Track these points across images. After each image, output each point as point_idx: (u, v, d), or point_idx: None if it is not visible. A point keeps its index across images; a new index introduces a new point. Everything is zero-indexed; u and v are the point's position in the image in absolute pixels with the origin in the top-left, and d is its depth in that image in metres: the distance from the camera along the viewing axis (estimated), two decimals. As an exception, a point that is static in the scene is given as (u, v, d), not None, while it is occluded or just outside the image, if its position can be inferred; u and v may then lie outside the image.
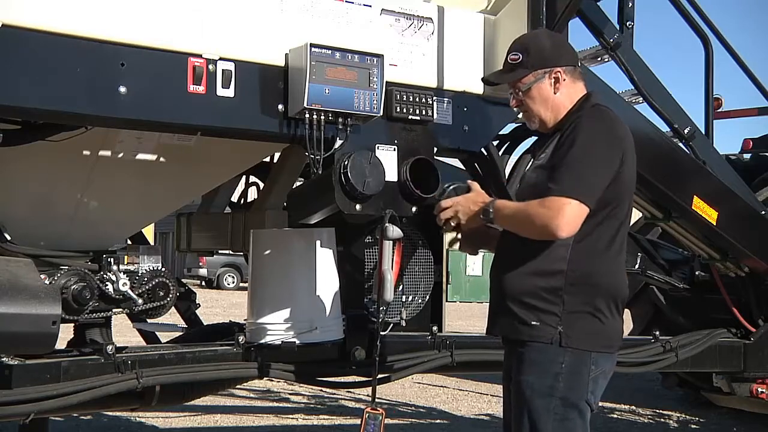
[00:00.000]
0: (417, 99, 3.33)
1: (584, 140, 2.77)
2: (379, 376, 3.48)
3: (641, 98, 4.64)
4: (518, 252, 2.87)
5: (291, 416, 7.18)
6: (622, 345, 2.99)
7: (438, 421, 7.38)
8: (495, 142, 4.36)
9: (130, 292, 3.30)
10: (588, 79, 3.20)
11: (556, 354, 2.78)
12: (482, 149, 4.04)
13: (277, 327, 3.51)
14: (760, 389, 6.02)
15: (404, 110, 3.29)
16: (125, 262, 3.37)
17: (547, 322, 2.79)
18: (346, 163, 3.09)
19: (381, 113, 3.18)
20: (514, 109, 3.11)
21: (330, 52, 3.03)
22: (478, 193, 3.00)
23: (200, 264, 27.59)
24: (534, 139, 4.40)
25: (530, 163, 3.15)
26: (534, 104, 2.96)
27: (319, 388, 5.71)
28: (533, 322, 2.81)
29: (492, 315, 2.99)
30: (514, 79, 2.97)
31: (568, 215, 2.69)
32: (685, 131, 4.60)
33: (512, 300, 2.87)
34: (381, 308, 3.25)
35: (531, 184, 2.94)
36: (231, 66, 2.94)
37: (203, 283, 27.51)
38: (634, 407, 7.84)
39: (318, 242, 3.57)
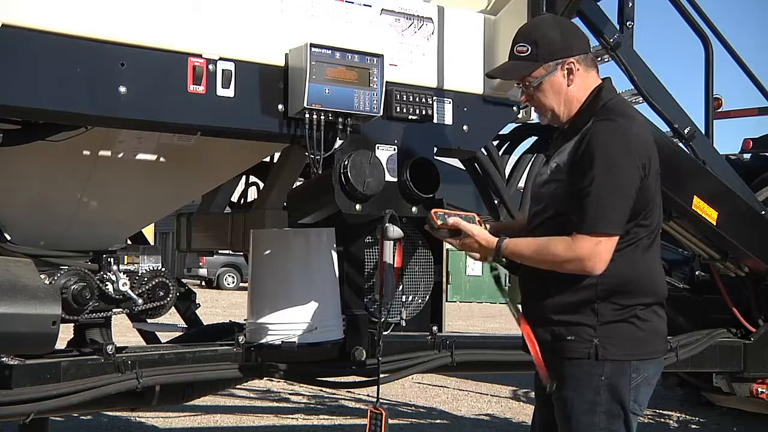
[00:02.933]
0: (417, 99, 3.33)
1: (605, 163, 2.61)
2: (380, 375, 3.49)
3: (641, 98, 4.64)
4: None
5: (291, 416, 7.18)
6: (665, 349, 2.87)
7: (438, 421, 7.38)
8: (495, 142, 4.37)
9: (130, 292, 3.30)
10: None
11: (594, 367, 2.68)
12: (482, 149, 4.04)
13: (277, 327, 3.51)
14: (760, 389, 6.02)
15: (404, 110, 3.29)
16: (125, 262, 3.37)
17: (582, 336, 2.69)
18: (346, 163, 3.09)
19: (381, 113, 3.18)
20: (525, 103, 2.99)
21: (330, 52, 3.03)
22: (479, 235, 2.81)
23: (200, 264, 27.60)
24: (534, 139, 4.43)
25: (544, 162, 2.99)
26: (546, 98, 2.81)
27: (319, 388, 5.71)
28: (568, 337, 2.71)
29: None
30: (524, 75, 2.81)
31: (601, 253, 2.60)
32: (685, 131, 4.60)
33: (543, 315, 2.77)
34: (383, 308, 3.24)
35: (548, 194, 2.79)
36: (231, 66, 2.94)
37: (203, 283, 27.51)
38: (634, 407, 7.82)
39: (318, 242, 3.57)
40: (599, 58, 4.79)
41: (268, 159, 4.08)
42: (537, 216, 2.84)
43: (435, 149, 3.45)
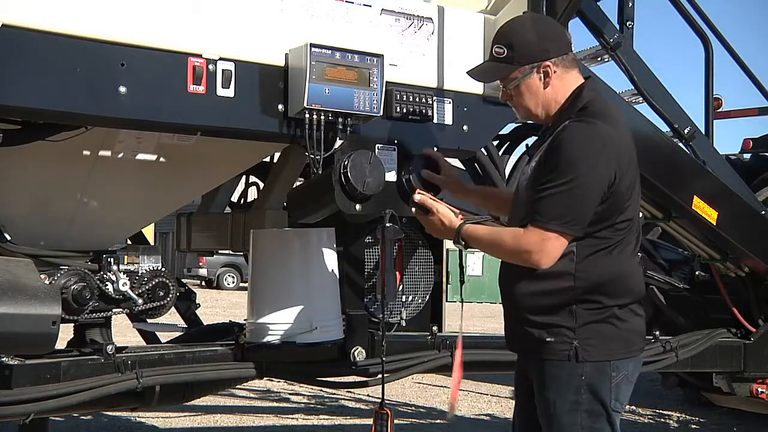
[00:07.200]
0: (417, 99, 3.33)
1: (571, 163, 2.62)
2: (380, 376, 3.49)
3: (641, 98, 4.64)
4: (524, 269, 2.75)
5: (291, 416, 7.19)
6: (644, 346, 2.88)
7: (438, 421, 7.38)
8: (495, 142, 4.37)
9: (130, 292, 3.30)
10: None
11: (574, 368, 2.70)
12: (482, 149, 4.04)
13: (277, 327, 3.51)
14: (760, 389, 6.02)
15: (404, 110, 3.29)
16: (125, 262, 3.37)
17: (561, 338, 2.71)
18: (346, 163, 3.09)
19: (381, 113, 3.18)
20: (505, 101, 3.02)
21: (330, 52, 3.03)
22: (443, 214, 2.90)
23: (200, 264, 27.60)
24: (534, 139, 4.43)
25: (527, 163, 3.02)
26: (523, 99, 2.84)
27: (319, 388, 5.71)
28: (548, 339, 2.73)
29: (507, 330, 2.93)
30: (499, 77, 2.87)
31: (549, 249, 2.63)
32: (685, 131, 4.60)
33: (524, 318, 2.79)
34: (385, 308, 3.24)
35: (523, 200, 2.81)
36: (231, 66, 2.94)
37: (203, 283, 27.51)
38: (634, 407, 7.83)
39: (318, 242, 3.57)
40: (599, 58, 4.81)
41: (268, 159, 4.08)
42: (515, 223, 2.83)
43: (435, 149, 3.45)
